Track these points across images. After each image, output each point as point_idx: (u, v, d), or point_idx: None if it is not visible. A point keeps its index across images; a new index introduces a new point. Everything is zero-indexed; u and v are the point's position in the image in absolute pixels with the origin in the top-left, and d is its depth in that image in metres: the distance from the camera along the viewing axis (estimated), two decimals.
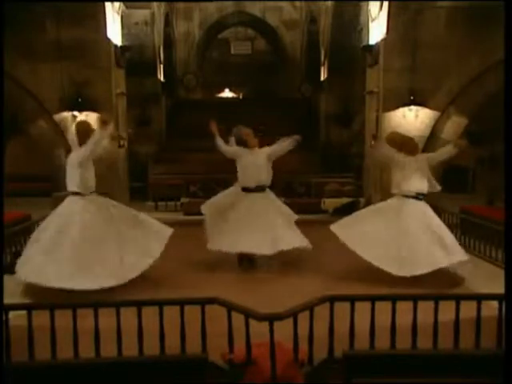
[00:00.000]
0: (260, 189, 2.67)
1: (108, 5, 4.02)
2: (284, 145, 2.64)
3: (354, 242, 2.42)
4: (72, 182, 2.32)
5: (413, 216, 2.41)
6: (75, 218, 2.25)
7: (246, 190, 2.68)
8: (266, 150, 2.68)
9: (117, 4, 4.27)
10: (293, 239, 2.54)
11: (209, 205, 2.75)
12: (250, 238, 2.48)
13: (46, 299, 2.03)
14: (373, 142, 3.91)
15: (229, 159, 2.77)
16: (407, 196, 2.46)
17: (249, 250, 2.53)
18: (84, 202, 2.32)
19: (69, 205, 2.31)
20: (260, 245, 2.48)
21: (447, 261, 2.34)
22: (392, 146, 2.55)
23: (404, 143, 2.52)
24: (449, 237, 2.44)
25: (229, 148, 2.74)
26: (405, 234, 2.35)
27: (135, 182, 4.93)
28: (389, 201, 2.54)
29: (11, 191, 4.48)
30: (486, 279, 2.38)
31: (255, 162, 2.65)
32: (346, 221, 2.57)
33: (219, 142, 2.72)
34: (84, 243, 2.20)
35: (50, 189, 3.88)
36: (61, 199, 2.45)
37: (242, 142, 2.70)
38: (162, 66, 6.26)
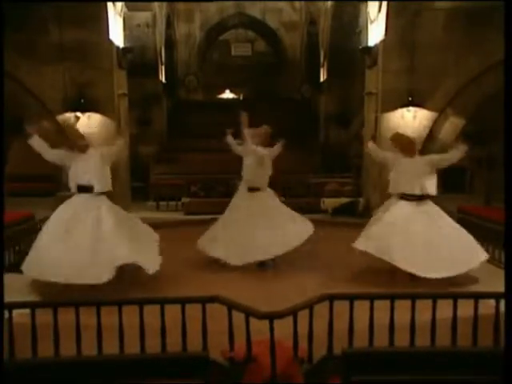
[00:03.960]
0: (257, 189, 2.70)
1: (110, 7, 4.03)
2: (273, 150, 2.67)
3: (389, 254, 2.34)
4: (102, 179, 2.37)
5: (433, 220, 2.39)
6: (98, 213, 2.28)
7: (248, 189, 2.74)
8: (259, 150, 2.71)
9: (119, 6, 4.29)
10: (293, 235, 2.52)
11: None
12: (245, 249, 2.51)
13: (50, 297, 2.05)
14: (371, 143, 3.94)
15: (230, 159, 2.81)
16: (400, 197, 2.46)
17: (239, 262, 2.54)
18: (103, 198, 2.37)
19: (86, 201, 2.33)
20: (252, 253, 2.50)
21: (472, 264, 2.34)
22: (395, 146, 2.55)
23: (403, 144, 2.54)
24: (466, 239, 2.41)
25: (246, 144, 2.76)
26: (425, 239, 2.32)
27: (136, 182, 4.95)
28: (397, 208, 2.49)
29: (15, 191, 4.51)
30: (485, 279, 2.38)
31: (254, 161, 2.69)
32: (369, 237, 2.47)
33: (245, 130, 2.71)
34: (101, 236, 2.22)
35: (53, 189, 3.91)
36: (64, 199, 2.48)
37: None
38: (163, 67, 6.29)
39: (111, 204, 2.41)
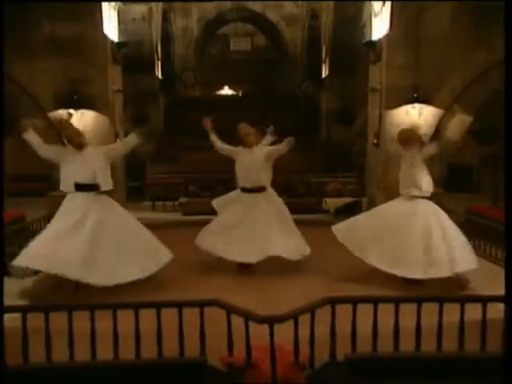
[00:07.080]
0: (259, 189, 2.63)
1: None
2: (280, 147, 2.60)
3: (368, 254, 2.33)
4: (107, 178, 2.35)
5: (427, 218, 2.32)
6: (92, 212, 2.26)
7: (244, 190, 2.66)
8: (265, 149, 2.65)
9: None
10: (284, 247, 2.49)
11: (219, 201, 2.76)
12: (238, 247, 2.47)
13: (42, 301, 2.03)
14: (375, 141, 3.86)
15: (229, 158, 2.73)
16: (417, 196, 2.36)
17: (233, 258, 2.51)
18: (98, 197, 2.34)
19: (84, 200, 2.30)
20: (246, 253, 2.46)
21: (464, 265, 2.28)
22: (407, 143, 2.39)
23: (414, 138, 2.42)
24: (461, 241, 2.36)
25: (224, 146, 2.72)
26: (422, 237, 2.27)
27: (132, 181, 4.90)
28: (396, 203, 2.43)
29: (6, 191, 4.43)
30: (492, 281, 2.33)
31: (253, 161, 2.60)
32: (354, 230, 2.44)
33: (214, 138, 2.70)
34: (99, 238, 2.21)
35: (45, 188, 3.84)
36: (56, 199, 2.43)
37: (240, 141, 2.70)
38: (159, 62, 6.21)
39: (114, 204, 2.38)
